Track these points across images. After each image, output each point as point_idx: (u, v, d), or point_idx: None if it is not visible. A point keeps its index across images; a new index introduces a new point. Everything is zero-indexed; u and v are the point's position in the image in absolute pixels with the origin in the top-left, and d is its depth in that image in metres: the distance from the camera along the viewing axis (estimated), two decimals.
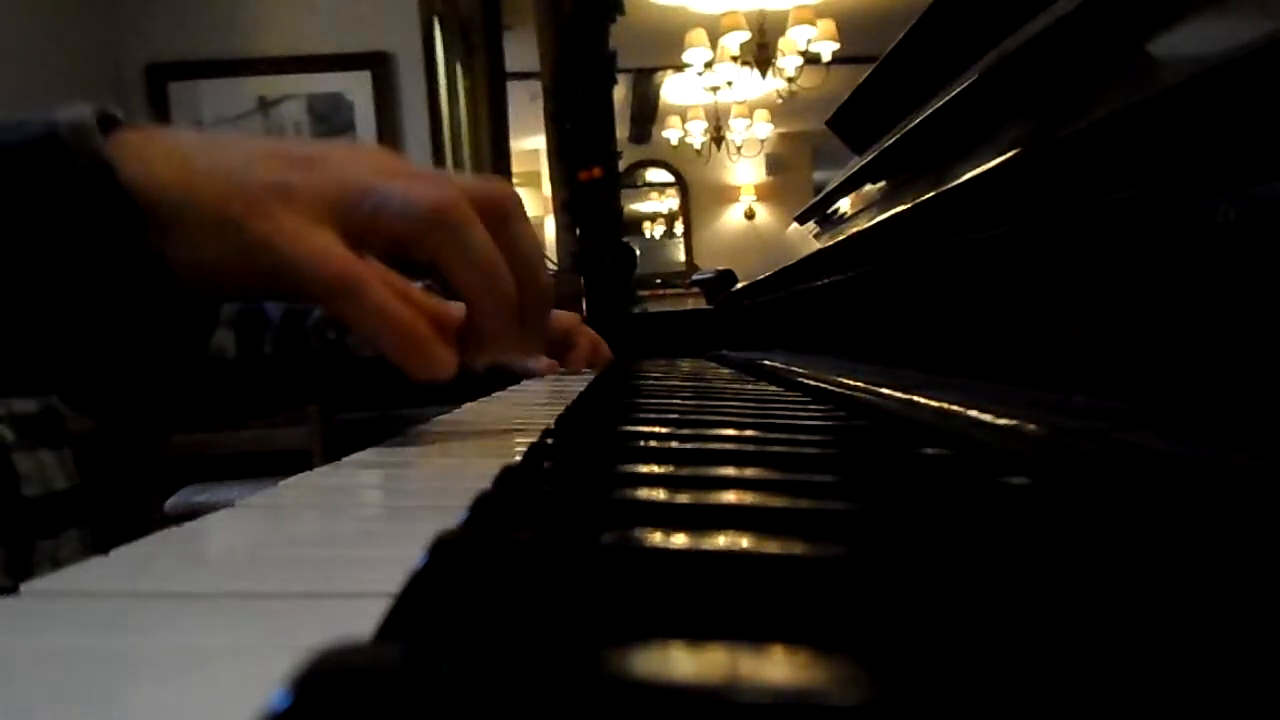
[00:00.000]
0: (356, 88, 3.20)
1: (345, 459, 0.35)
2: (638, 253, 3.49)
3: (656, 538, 0.19)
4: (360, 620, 0.14)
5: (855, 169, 0.80)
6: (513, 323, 0.38)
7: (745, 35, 5.23)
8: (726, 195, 8.28)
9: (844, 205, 0.88)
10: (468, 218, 0.37)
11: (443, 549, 0.16)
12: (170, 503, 1.97)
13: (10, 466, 0.42)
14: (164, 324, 0.38)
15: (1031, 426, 0.30)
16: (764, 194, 8.20)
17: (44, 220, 0.33)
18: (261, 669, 0.12)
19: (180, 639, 0.15)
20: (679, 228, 8.51)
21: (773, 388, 0.68)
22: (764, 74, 5.40)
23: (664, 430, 0.41)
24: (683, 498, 0.23)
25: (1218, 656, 0.12)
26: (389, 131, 3.18)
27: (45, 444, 0.45)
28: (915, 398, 0.41)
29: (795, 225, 1.17)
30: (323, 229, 0.36)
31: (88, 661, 0.13)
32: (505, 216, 0.39)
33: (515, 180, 4.14)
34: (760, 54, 5.35)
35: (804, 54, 5.22)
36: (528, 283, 0.39)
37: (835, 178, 0.93)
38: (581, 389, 0.66)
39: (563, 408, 0.50)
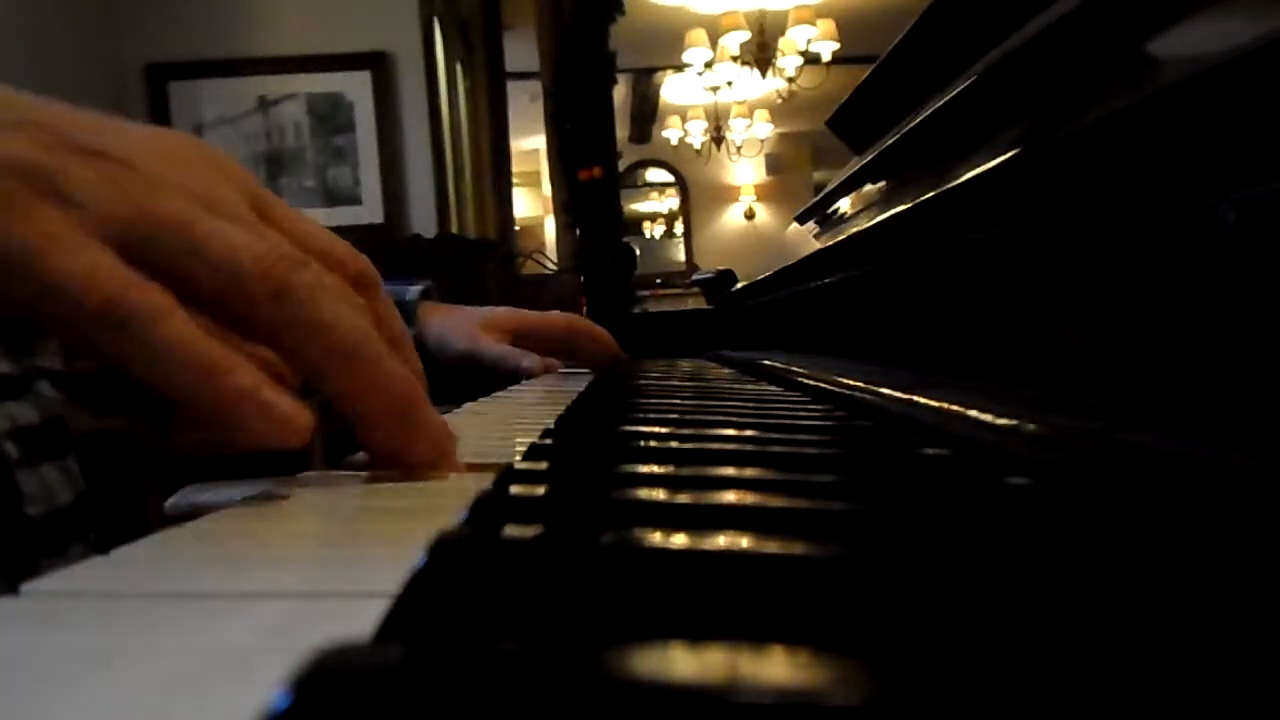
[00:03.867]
0: (356, 88, 3.20)
1: (345, 459, 0.35)
2: (638, 253, 3.49)
3: (657, 538, 0.19)
4: (360, 620, 0.14)
5: (855, 169, 0.80)
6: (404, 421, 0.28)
7: (745, 35, 5.24)
8: (726, 195, 8.28)
9: (844, 205, 0.88)
10: (315, 286, 0.27)
11: (443, 549, 0.16)
12: (170, 503, 1.96)
13: (14, 486, 0.41)
14: None
15: (1031, 426, 0.30)
16: (764, 194, 8.20)
17: None
18: (261, 669, 0.12)
19: (180, 639, 0.15)
20: (679, 228, 8.52)
21: (773, 388, 0.68)
22: (764, 74, 5.40)
23: (664, 430, 0.41)
24: (683, 498, 0.23)
25: (1217, 656, 0.12)
26: (389, 131, 3.18)
27: (49, 456, 0.43)
28: (915, 398, 0.41)
29: (795, 225, 1.17)
30: (95, 245, 0.25)
31: (88, 661, 0.13)
32: (366, 287, 0.30)
33: (515, 180, 4.14)
34: (760, 54, 5.36)
35: (804, 54, 5.22)
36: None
37: (835, 178, 0.93)
38: (581, 389, 0.66)
39: (563, 408, 0.50)
